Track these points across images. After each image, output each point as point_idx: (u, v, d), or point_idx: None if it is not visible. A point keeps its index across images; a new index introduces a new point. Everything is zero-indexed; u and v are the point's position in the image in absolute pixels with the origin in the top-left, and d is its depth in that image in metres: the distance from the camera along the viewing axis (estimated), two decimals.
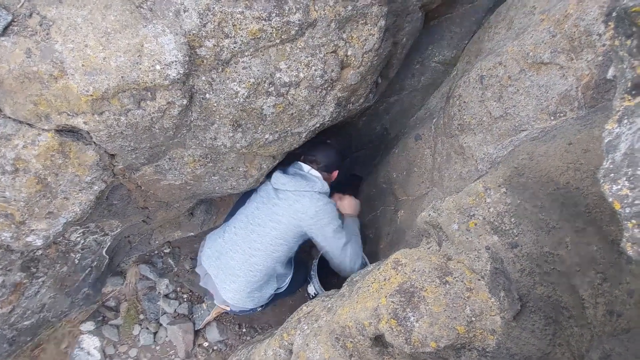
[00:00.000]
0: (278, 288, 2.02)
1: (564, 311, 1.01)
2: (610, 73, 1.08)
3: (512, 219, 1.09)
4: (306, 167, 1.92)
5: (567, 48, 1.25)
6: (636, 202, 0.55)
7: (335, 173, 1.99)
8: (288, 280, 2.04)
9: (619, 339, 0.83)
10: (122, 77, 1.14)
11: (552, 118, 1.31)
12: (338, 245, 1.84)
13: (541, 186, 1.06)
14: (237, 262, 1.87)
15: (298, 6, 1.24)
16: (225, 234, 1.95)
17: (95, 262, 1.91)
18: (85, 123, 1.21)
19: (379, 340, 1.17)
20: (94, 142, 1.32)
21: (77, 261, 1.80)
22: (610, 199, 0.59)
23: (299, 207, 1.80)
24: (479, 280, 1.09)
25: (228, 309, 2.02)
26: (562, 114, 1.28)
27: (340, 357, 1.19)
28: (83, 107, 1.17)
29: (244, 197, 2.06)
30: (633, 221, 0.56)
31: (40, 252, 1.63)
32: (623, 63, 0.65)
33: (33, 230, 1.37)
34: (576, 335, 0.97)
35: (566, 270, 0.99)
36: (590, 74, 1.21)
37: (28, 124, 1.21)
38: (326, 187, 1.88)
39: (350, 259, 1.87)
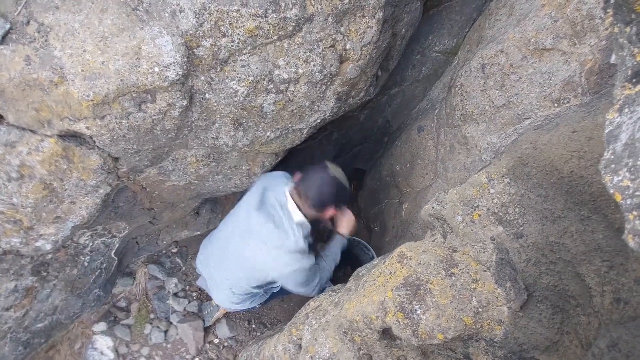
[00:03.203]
0: (272, 288, 1.90)
1: (570, 300, 1.00)
2: (613, 58, 1.06)
3: (517, 209, 1.08)
4: (290, 204, 1.56)
5: (569, 33, 1.23)
6: (637, 193, 0.54)
7: (330, 211, 1.60)
8: (278, 285, 1.85)
9: (626, 327, 0.83)
10: (121, 80, 1.14)
11: (555, 105, 1.29)
12: (307, 291, 1.68)
13: (545, 175, 1.05)
14: (218, 278, 1.80)
15: (294, 1, 1.23)
16: (210, 245, 1.85)
17: (105, 264, 1.94)
18: (87, 128, 1.22)
19: (386, 333, 1.18)
20: (97, 146, 1.33)
21: (86, 263, 1.83)
22: (611, 191, 0.58)
23: (267, 265, 1.58)
24: (485, 271, 1.09)
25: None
26: (565, 101, 1.26)
27: (348, 351, 1.20)
28: (84, 112, 1.18)
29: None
30: (634, 213, 0.55)
31: (50, 256, 1.65)
32: (623, 50, 0.63)
33: (42, 235, 1.39)
34: (584, 324, 0.97)
35: (572, 259, 0.98)
36: (593, 58, 1.19)
37: (31, 130, 1.22)
38: (301, 244, 1.54)
39: (314, 290, 1.69)
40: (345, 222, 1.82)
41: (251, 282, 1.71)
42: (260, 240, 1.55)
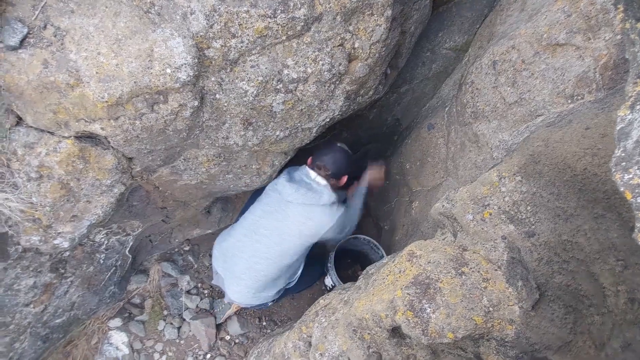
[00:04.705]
0: (288, 283, 2.03)
1: (584, 299, 0.99)
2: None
3: (528, 208, 1.07)
4: (312, 174, 1.81)
5: (583, 27, 1.21)
6: None
7: (345, 178, 1.87)
8: (298, 275, 2.04)
9: None
10: (134, 82, 1.16)
11: (569, 101, 1.26)
12: (341, 237, 1.94)
13: (557, 173, 1.03)
14: (241, 268, 1.86)
15: (303, 1, 1.24)
16: (230, 237, 1.93)
17: (120, 262, 1.99)
18: (102, 129, 1.25)
19: (396, 331, 1.18)
20: (112, 147, 1.36)
21: (102, 261, 1.88)
22: (622, 189, 0.57)
23: (311, 224, 1.76)
24: (496, 270, 1.08)
25: (239, 306, 2.07)
26: (579, 97, 1.24)
27: (358, 349, 1.21)
28: (99, 113, 1.21)
29: (255, 194, 2.07)
30: None
31: (67, 253, 1.70)
32: (634, 46, 0.62)
33: (60, 233, 1.43)
34: (597, 324, 0.95)
35: (585, 258, 0.97)
36: (608, 53, 1.16)
37: (49, 132, 1.26)
38: (333, 198, 1.80)
39: (346, 234, 1.96)
40: (372, 176, 2.07)
41: (283, 260, 1.84)
42: (299, 205, 1.75)
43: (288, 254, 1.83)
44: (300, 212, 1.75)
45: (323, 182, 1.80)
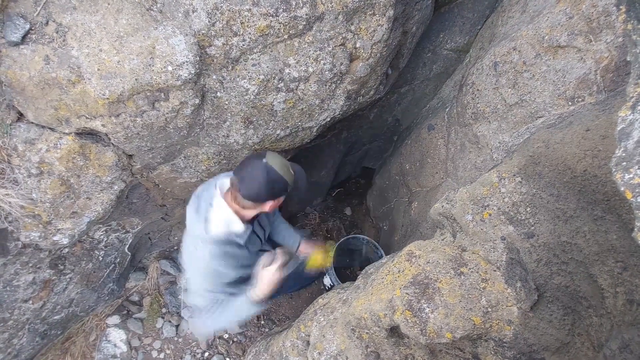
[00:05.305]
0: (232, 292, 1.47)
1: (582, 301, 0.99)
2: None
3: (528, 209, 1.07)
4: (217, 193, 1.30)
5: (585, 30, 1.21)
6: None
7: (269, 204, 1.28)
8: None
9: (639, 328, 0.81)
10: (136, 79, 1.16)
11: (569, 103, 1.27)
12: (193, 299, 1.39)
13: (557, 174, 1.03)
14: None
15: (305, 0, 1.24)
16: None
17: (118, 259, 1.99)
18: (103, 125, 1.25)
19: (394, 331, 1.18)
20: (112, 144, 1.36)
21: (101, 258, 1.88)
22: (622, 188, 0.57)
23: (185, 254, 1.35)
24: (495, 271, 1.08)
25: None
26: (580, 99, 1.24)
27: (356, 348, 1.21)
28: (100, 110, 1.21)
29: None
30: None
31: (66, 250, 1.70)
32: (636, 47, 0.62)
33: (59, 229, 1.43)
34: (596, 325, 0.96)
35: (584, 259, 0.97)
36: (610, 56, 1.16)
37: (50, 128, 1.26)
38: (210, 233, 1.27)
39: (202, 310, 1.37)
40: (311, 254, 1.61)
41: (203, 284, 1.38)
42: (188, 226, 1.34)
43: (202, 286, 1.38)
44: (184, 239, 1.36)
45: (223, 206, 1.30)
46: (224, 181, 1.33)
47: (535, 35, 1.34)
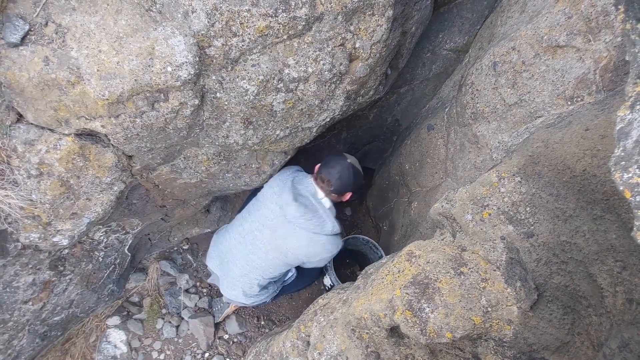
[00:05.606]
0: (283, 282, 2.03)
1: (582, 300, 0.99)
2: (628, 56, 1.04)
3: (528, 208, 1.07)
4: (320, 194, 1.70)
5: (583, 29, 1.21)
6: None
7: (348, 195, 1.75)
8: (292, 274, 2.03)
9: (638, 327, 0.81)
10: (135, 80, 1.17)
11: (569, 103, 1.27)
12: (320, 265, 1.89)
13: (557, 174, 1.04)
14: (236, 274, 1.85)
15: (304, 0, 1.24)
16: (226, 242, 1.89)
17: (118, 260, 1.99)
18: (102, 126, 1.25)
19: (394, 331, 1.19)
20: (112, 145, 1.36)
21: (101, 259, 1.88)
22: (621, 188, 0.58)
23: (311, 250, 1.71)
24: (495, 270, 1.08)
25: (237, 306, 2.07)
26: (579, 99, 1.24)
27: (356, 348, 1.21)
28: (100, 111, 1.21)
29: (254, 194, 2.05)
30: None
31: (66, 251, 1.70)
32: (635, 47, 0.62)
33: (59, 230, 1.43)
34: (595, 324, 0.96)
35: (584, 259, 0.97)
36: (608, 55, 1.17)
37: (49, 129, 1.26)
38: (336, 229, 1.71)
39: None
40: None
41: (277, 270, 1.83)
42: (302, 228, 1.67)
43: (282, 266, 1.82)
44: (303, 236, 1.68)
45: (328, 204, 1.72)
46: (306, 179, 1.75)
47: (534, 35, 1.35)
